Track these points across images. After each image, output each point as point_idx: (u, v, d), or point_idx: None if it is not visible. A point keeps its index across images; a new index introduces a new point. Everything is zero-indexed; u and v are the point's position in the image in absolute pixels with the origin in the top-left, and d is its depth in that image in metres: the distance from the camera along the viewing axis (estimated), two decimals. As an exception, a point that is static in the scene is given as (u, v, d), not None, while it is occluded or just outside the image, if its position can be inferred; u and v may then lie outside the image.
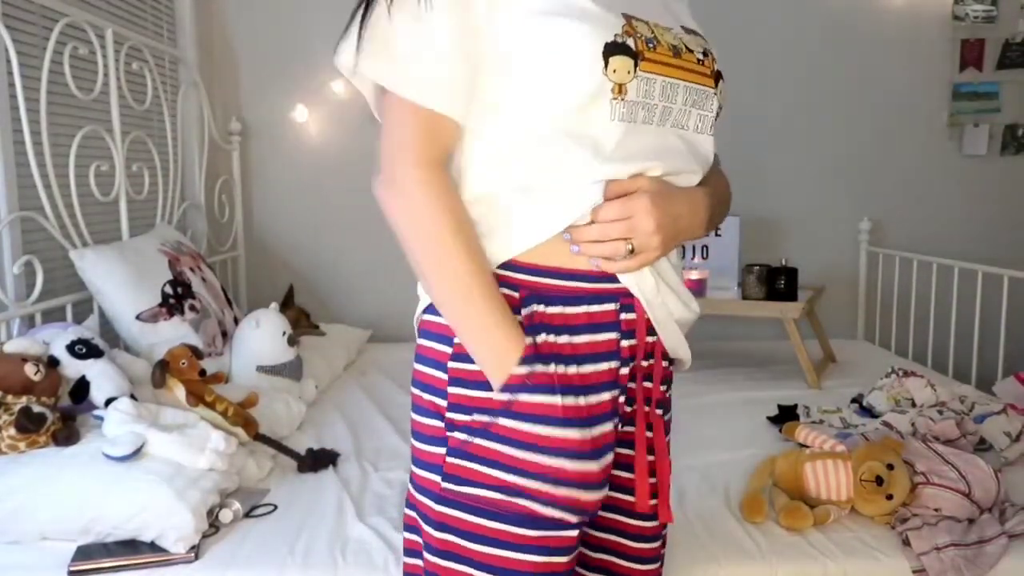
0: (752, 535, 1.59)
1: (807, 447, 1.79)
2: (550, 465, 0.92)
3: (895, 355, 3.25)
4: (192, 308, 2.34)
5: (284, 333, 2.36)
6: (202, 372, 1.89)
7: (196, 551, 1.48)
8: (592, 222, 0.95)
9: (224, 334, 2.47)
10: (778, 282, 2.81)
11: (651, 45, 0.97)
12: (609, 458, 0.97)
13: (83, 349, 1.83)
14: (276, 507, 1.69)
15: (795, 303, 2.77)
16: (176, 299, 2.29)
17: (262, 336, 2.33)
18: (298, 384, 2.38)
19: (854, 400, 2.43)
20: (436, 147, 0.97)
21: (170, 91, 3.01)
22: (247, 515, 1.64)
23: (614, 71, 0.93)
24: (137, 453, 1.55)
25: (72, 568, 1.42)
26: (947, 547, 1.48)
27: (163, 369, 1.82)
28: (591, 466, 0.94)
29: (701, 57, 1.02)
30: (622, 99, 0.94)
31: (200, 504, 1.52)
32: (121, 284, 2.17)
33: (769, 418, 2.30)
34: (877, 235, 3.56)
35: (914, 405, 2.24)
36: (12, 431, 1.59)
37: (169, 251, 2.45)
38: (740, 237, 3.17)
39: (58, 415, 1.67)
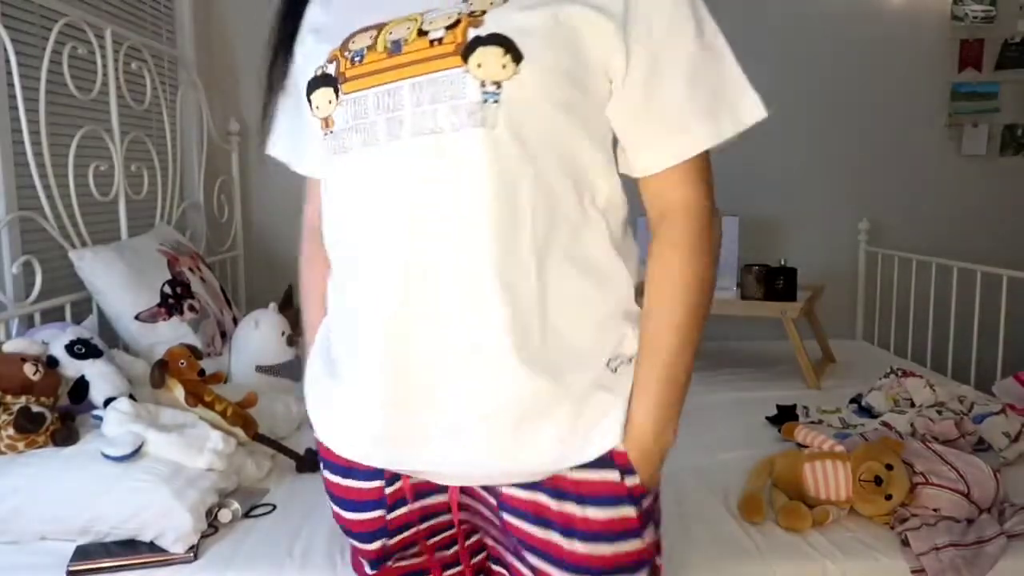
0: (751, 535, 1.59)
1: (806, 447, 1.79)
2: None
3: (894, 355, 3.25)
4: (191, 308, 2.34)
5: (283, 333, 2.36)
6: (201, 372, 1.88)
7: (195, 551, 1.48)
8: None
9: (223, 334, 2.47)
10: (777, 282, 2.81)
11: (357, 59, 0.84)
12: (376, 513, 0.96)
13: (82, 349, 1.83)
14: (275, 507, 1.69)
15: (794, 303, 2.77)
16: (175, 299, 2.29)
17: (261, 336, 2.33)
18: (297, 384, 2.38)
19: (853, 400, 2.43)
20: (312, 206, 1.04)
21: (169, 91, 3.01)
22: (246, 515, 1.64)
23: (318, 107, 0.86)
24: (136, 453, 1.55)
25: (71, 568, 1.42)
26: (946, 547, 1.48)
27: (162, 369, 1.82)
28: (350, 515, 0.99)
29: (440, 35, 0.81)
30: (330, 131, 0.86)
31: (199, 504, 1.52)
32: (120, 284, 2.17)
33: (768, 418, 2.30)
34: (876, 235, 3.57)
35: (913, 405, 2.24)
36: (11, 431, 1.59)
37: (168, 251, 2.45)
38: (739, 237, 3.17)
39: (57, 415, 1.67)
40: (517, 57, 0.79)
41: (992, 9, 3.44)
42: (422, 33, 0.82)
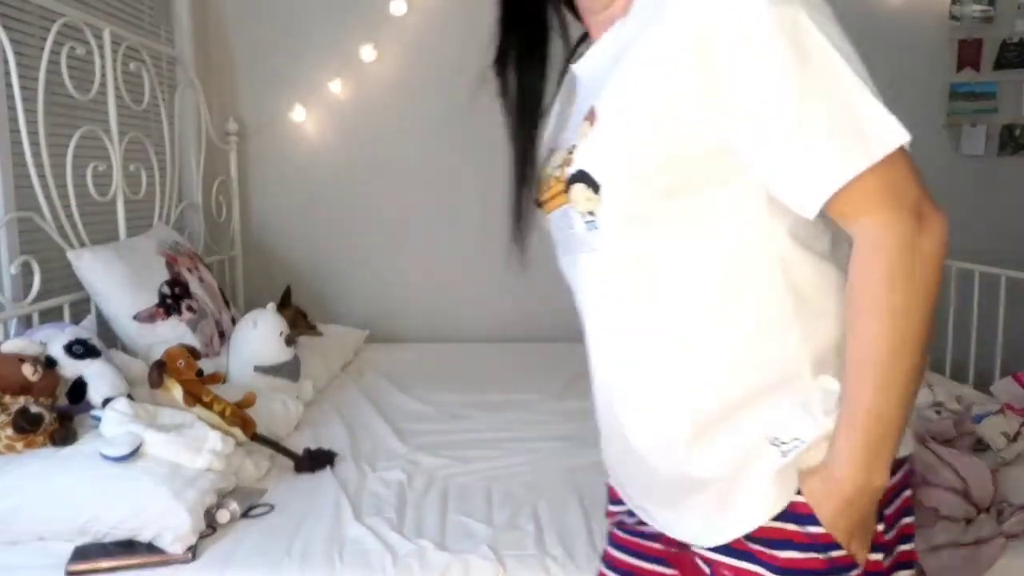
0: (749, 535, 1.58)
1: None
2: None
3: (893, 355, 3.25)
4: (189, 308, 2.34)
5: (281, 333, 2.36)
6: (199, 372, 1.88)
7: (193, 551, 1.48)
8: None
9: (221, 334, 2.47)
10: (776, 282, 2.81)
11: (543, 187, 0.99)
12: None
13: (80, 349, 1.83)
14: (273, 507, 1.68)
15: (793, 303, 2.77)
16: (173, 299, 2.29)
17: (259, 336, 2.33)
18: (295, 384, 2.38)
19: (852, 400, 2.43)
20: None
21: (167, 91, 3.01)
22: (244, 515, 1.64)
23: None
24: (134, 453, 1.55)
25: (69, 568, 1.42)
26: (945, 547, 1.48)
27: (160, 369, 1.82)
28: None
29: (557, 174, 0.94)
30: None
31: (197, 504, 1.52)
32: (118, 284, 2.17)
33: (767, 418, 2.29)
34: (875, 235, 3.56)
35: (911, 405, 2.24)
36: (9, 431, 1.59)
37: (166, 251, 2.45)
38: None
39: (55, 415, 1.67)
40: (595, 187, 0.87)
41: (990, 9, 3.44)
42: (554, 173, 0.96)
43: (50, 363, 1.78)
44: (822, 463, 0.85)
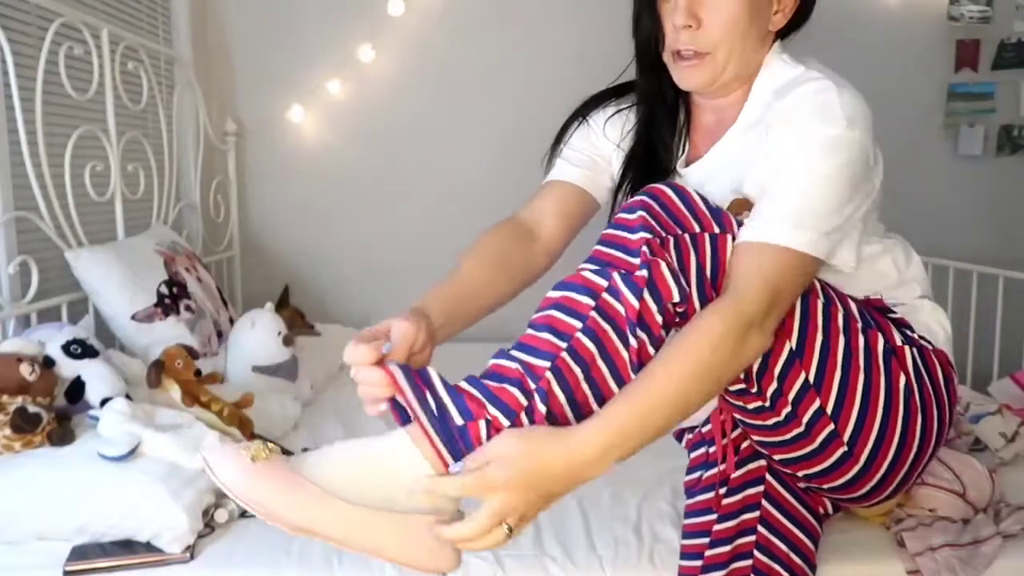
0: (747, 535, 1.58)
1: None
2: None
3: (890, 355, 3.25)
4: (187, 308, 2.34)
5: (279, 333, 2.35)
6: (197, 372, 1.88)
7: (191, 551, 1.48)
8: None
9: (219, 334, 2.47)
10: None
11: None
12: None
13: (78, 349, 1.83)
14: (272, 507, 1.68)
15: (791, 303, 2.77)
16: (171, 299, 2.29)
17: (257, 336, 2.32)
18: (293, 384, 2.38)
19: (849, 400, 2.43)
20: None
21: (165, 91, 3.01)
22: (242, 515, 1.63)
23: None
24: (132, 453, 1.55)
25: (67, 568, 1.42)
26: (942, 548, 1.48)
27: (158, 369, 1.82)
28: None
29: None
30: None
31: (195, 504, 1.52)
32: (116, 284, 2.17)
33: (765, 418, 2.29)
34: (873, 236, 3.56)
35: (909, 405, 2.24)
36: (7, 431, 1.59)
37: (164, 251, 2.45)
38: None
39: (53, 415, 1.67)
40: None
41: (988, 9, 3.45)
42: None
43: (48, 363, 1.78)
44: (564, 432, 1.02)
